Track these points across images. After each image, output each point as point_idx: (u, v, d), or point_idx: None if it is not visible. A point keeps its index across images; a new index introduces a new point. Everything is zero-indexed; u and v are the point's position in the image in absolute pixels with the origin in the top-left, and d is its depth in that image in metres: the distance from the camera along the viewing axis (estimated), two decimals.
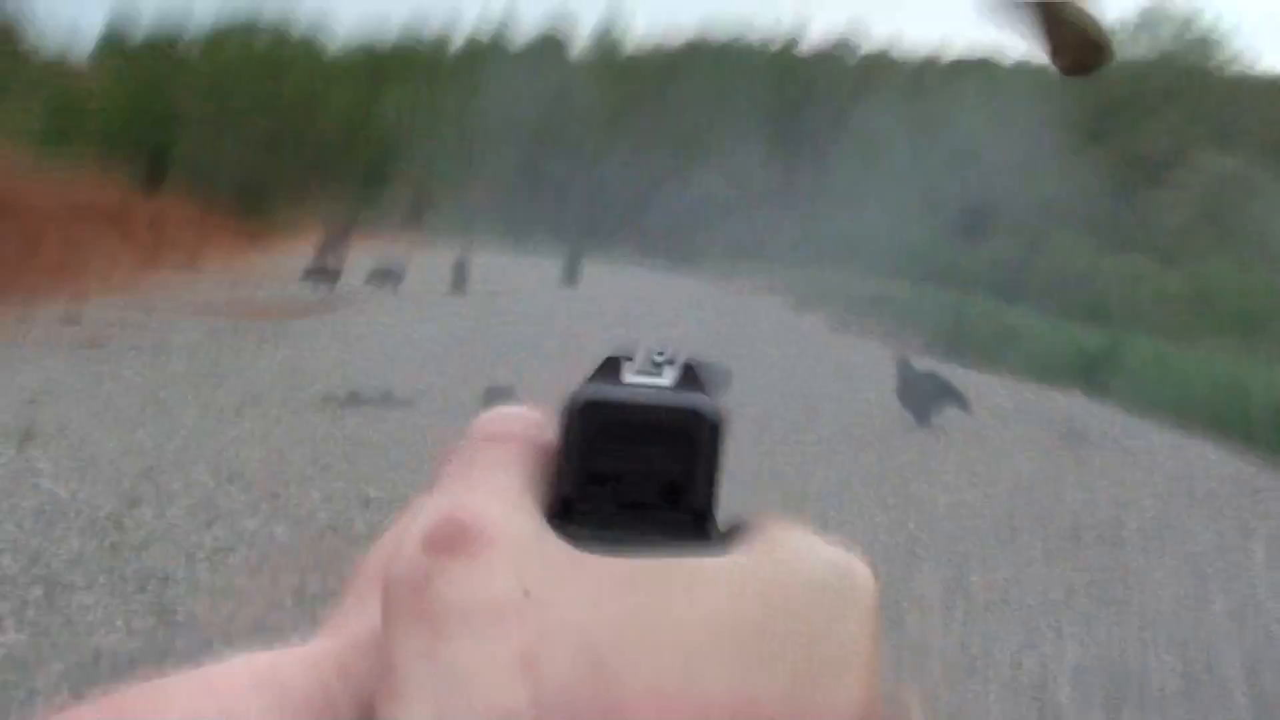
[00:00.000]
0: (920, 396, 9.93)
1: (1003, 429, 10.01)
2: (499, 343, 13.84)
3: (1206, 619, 5.31)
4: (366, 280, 20.70)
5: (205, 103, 38.71)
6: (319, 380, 10.22)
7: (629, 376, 0.30)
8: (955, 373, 11.64)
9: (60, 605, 4.59)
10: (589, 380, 0.30)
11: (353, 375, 10.43)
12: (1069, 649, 4.78)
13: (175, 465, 7.00)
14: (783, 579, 0.26)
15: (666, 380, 0.30)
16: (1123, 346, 14.43)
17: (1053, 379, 13.29)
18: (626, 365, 0.30)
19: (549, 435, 0.30)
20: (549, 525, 0.28)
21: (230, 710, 0.27)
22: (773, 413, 9.49)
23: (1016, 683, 4.41)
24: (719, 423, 0.29)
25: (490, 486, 0.28)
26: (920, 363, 10.64)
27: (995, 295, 21.47)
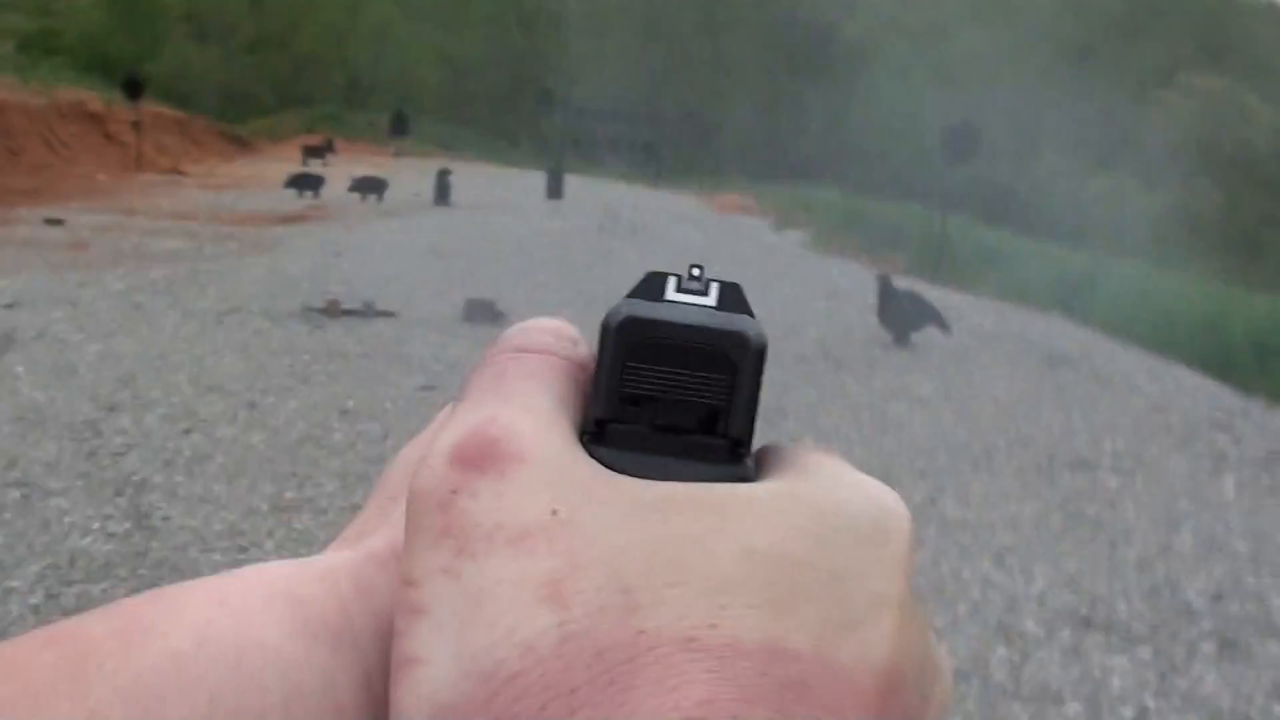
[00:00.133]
0: (900, 316, 9.92)
1: (982, 351, 10.03)
2: (481, 255, 13.78)
3: (1176, 546, 5.37)
4: (350, 189, 20.54)
5: (187, 9, 38.26)
6: (300, 290, 10.18)
7: (671, 294, 0.29)
8: (936, 293, 11.65)
9: (37, 509, 4.60)
10: (629, 295, 0.29)
11: (334, 285, 10.39)
12: (1039, 572, 4.84)
13: (154, 372, 6.99)
14: (818, 513, 0.26)
15: (710, 300, 0.29)
16: (1105, 269, 14.43)
17: (1034, 301, 13.31)
18: (670, 282, 0.29)
19: (584, 351, 0.30)
20: (580, 445, 0.27)
21: (243, 623, 0.26)
22: None
23: (986, 603, 4.47)
24: (763, 348, 0.28)
25: (522, 401, 0.27)
26: (901, 282, 10.62)
27: (978, 216, 21.41)
